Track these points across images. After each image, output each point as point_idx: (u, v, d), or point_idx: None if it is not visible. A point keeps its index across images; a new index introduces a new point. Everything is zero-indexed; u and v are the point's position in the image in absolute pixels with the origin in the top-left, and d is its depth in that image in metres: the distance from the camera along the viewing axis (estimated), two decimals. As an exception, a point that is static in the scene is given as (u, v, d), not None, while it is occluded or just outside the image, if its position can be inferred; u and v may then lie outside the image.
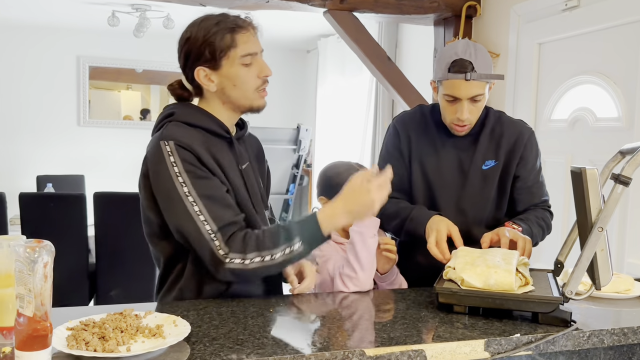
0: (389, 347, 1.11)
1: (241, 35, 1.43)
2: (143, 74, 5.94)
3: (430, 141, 1.79)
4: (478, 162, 1.75)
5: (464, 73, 1.59)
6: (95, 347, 1.02)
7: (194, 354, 1.05)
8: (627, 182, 1.24)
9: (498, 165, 1.76)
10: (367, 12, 3.32)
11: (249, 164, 1.55)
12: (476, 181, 1.75)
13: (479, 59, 1.61)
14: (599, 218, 1.25)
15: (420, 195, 1.79)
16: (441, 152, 1.78)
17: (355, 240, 1.58)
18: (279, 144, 5.54)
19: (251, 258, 1.34)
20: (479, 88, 1.62)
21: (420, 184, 1.79)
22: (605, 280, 1.26)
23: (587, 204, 1.27)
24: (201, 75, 1.45)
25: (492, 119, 1.79)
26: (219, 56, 1.42)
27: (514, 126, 1.80)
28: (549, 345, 1.22)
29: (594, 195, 1.26)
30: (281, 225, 1.40)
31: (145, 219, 1.48)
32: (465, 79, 1.59)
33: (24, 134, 5.59)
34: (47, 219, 3.38)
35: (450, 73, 1.61)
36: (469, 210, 1.77)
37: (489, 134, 1.77)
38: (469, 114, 1.65)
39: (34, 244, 0.98)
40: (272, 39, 5.74)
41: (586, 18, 2.69)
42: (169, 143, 1.37)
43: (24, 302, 0.97)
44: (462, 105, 1.64)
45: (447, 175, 1.77)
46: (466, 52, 1.61)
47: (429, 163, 1.78)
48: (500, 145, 1.76)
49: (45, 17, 5.16)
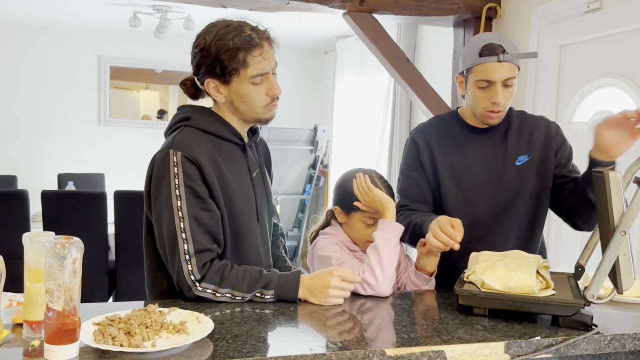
0: (409, 348, 1.12)
1: (255, 54, 1.42)
2: (162, 74, 6.00)
3: (455, 143, 1.79)
4: (511, 159, 1.75)
5: (496, 55, 1.61)
6: (122, 342, 1.04)
7: (217, 350, 1.07)
8: None
9: (532, 160, 1.75)
10: (387, 13, 3.32)
11: (259, 170, 1.57)
12: (511, 178, 1.74)
13: (508, 43, 1.65)
14: (621, 222, 1.24)
15: (453, 199, 1.77)
16: (469, 153, 1.77)
17: (380, 245, 1.54)
18: (296, 145, 5.55)
19: (223, 292, 1.38)
20: (511, 71, 1.63)
21: (452, 188, 1.77)
22: (628, 284, 1.26)
23: (610, 208, 1.26)
24: (210, 87, 1.47)
25: (516, 117, 1.80)
26: (229, 74, 1.43)
27: (540, 121, 1.82)
28: (569, 348, 1.21)
29: (616, 198, 1.25)
30: (264, 272, 1.42)
31: (146, 217, 1.51)
32: (498, 60, 1.61)
33: (45, 133, 5.68)
34: (69, 217, 3.43)
35: (481, 57, 1.63)
36: (506, 208, 1.75)
37: (516, 131, 1.77)
38: (504, 98, 1.65)
39: (63, 240, 1.00)
40: (290, 40, 5.76)
41: (608, 20, 2.67)
42: (176, 153, 1.40)
43: (54, 296, 1.00)
44: (496, 89, 1.64)
45: (479, 175, 1.76)
46: (494, 38, 1.66)
47: (458, 165, 1.77)
48: (531, 140, 1.77)
49: (67, 17, 5.24)
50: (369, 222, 1.66)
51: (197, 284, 1.37)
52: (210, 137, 1.47)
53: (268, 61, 1.45)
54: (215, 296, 1.37)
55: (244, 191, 1.50)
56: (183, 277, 1.37)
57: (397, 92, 4.51)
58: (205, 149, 1.43)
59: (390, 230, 1.57)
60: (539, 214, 1.79)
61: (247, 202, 1.50)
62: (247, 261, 1.48)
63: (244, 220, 1.49)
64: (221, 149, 1.48)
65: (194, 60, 1.47)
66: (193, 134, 1.46)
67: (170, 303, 1.36)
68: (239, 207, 1.47)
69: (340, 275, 1.43)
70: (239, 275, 1.39)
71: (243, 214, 1.49)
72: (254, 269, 1.42)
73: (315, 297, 1.42)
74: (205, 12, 3.56)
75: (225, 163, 1.46)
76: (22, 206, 3.45)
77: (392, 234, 1.57)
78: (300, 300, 1.43)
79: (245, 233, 1.50)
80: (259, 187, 1.55)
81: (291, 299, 1.41)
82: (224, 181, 1.44)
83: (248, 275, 1.40)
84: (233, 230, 1.47)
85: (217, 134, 1.48)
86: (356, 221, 1.69)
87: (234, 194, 1.46)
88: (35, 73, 5.62)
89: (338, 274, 1.43)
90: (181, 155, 1.39)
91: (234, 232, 1.47)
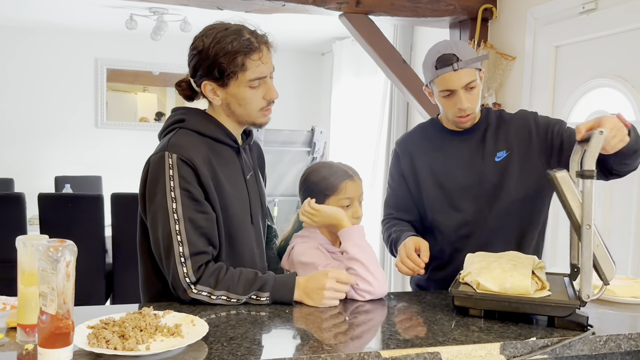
0: (404, 349, 1.12)
1: (253, 58, 1.42)
2: (159, 76, 6.00)
3: (435, 148, 1.82)
4: (490, 157, 1.76)
5: (451, 65, 1.65)
6: (116, 345, 1.04)
7: (212, 353, 1.06)
8: (592, 176, 1.24)
9: (511, 155, 1.75)
10: (383, 15, 3.32)
11: (253, 173, 1.57)
12: (491, 174, 1.75)
13: (461, 50, 1.67)
14: (583, 216, 1.26)
15: (437, 202, 1.80)
16: (449, 156, 1.80)
17: (354, 252, 1.52)
18: (294, 146, 5.54)
19: (218, 295, 1.38)
20: (469, 75, 1.66)
21: (434, 191, 1.80)
22: (610, 273, 1.27)
23: (569, 206, 1.28)
24: (207, 89, 1.46)
25: (494, 117, 1.81)
26: (227, 77, 1.42)
27: (517, 115, 1.82)
28: (565, 349, 1.21)
29: (571, 196, 1.27)
30: (259, 274, 1.42)
31: (140, 220, 1.51)
32: (453, 69, 1.65)
33: (42, 135, 5.67)
34: (65, 219, 3.42)
35: (438, 70, 1.67)
36: (491, 201, 1.75)
37: (494, 130, 1.78)
38: (468, 103, 1.69)
39: (57, 243, 1.00)
40: (287, 42, 5.76)
41: (604, 21, 2.67)
42: (172, 156, 1.39)
43: (47, 300, 0.99)
44: (459, 95, 1.67)
45: (460, 175, 1.77)
46: (447, 47, 1.68)
47: (439, 168, 1.80)
48: (508, 136, 1.77)
49: (64, 20, 5.24)
50: (345, 204, 1.64)
51: (193, 286, 1.37)
52: (205, 139, 1.47)
53: (266, 65, 1.45)
54: (210, 299, 1.37)
55: (238, 194, 1.50)
56: (178, 279, 1.36)
57: (394, 93, 4.52)
58: (200, 151, 1.43)
59: (354, 235, 1.56)
60: (530, 211, 1.76)
61: (241, 205, 1.50)
62: (242, 264, 1.48)
63: (238, 222, 1.49)
64: (216, 151, 1.48)
65: (191, 62, 1.47)
66: (188, 136, 1.46)
67: (165, 306, 1.36)
68: (233, 210, 1.47)
69: (335, 276, 1.43)
70: (235, 278, 1.39)
71: (237, 216, 1.48)
72: (250, 271, 1.42)
73: (311, 299, 1.41)
74: (201, 14, 3.57)
75: (219, 165, 1.46)
76: (18, 209, 3.44)
77: (357, 237, 1.56)
78: (296, 302, 1.42)
79: (240, 236, 1.49)
80: (252, 189, 1.55)
81: (287, 301, 1.41)
82: (219, 183, 1.44)
83: (243, 277, 1.40)
84: (227, 233, 1.47)
85: (211, 136, 1.48)
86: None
87: (228, 196, 1.46)
88: (32, 75, 5.61)
89: (333, 275, 1.43)
90: (177, 158, 1.39)
91: (229, 235, 1.47)
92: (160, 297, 1.48)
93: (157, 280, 1.48)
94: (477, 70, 1.69)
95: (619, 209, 2.60)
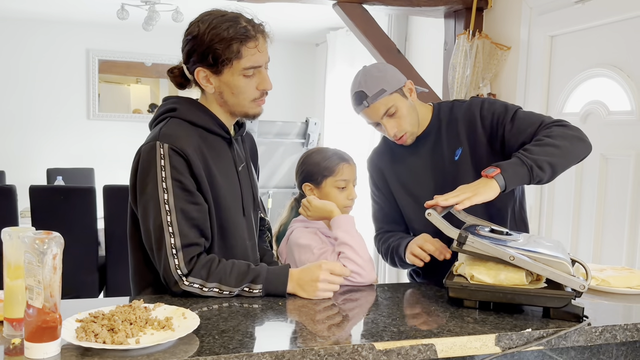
0: (398, 341, 1.11)
1: (249, 46, 1.40)
2: (152, 67, 5.94)
3: (399, 159, 1.83)
4: (449, 156, 1.74)
5: (361, 104, 1.67)
6: (104, 339, 1.02)
7: (203, 346, 1.05)
8: (462, 242, 1.33)
9: (464, 151, 1.73)
10: (377, 4, 3.29)
11: (245, 164, 1.55)
12: (451, 174, 1.73)
13: (368, 83, 1.67)
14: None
15: (411, 211, 1.79)
16: (412, 164, 1.79)
17: (343, 237, 1.60)
18: (288, 138, 5.52)
19: (210, 287, 1.36)
20: (384, 105, 1.67)
21: (406, 200, 1.80)
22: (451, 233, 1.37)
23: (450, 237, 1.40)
24: (201, 76, 1.44)
25: (445, 112, 1.78)
26: (221, 63, 1.40)
27: (465, 107, 1.76)
28: (560, 340, 1.20)
29: (446, 229, 1.41)
30: (252, 266, 1.40)
31: (131, 211, 1.48)
32: (364, 107, 1.67)
33: (34, 127, 5.62)
34: (57, 212, 3.39)
35: (356, 108, 1.71)
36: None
37: (446, 126, 1.76)
38: (394, 129, 1.70)
39: (43, 235, 0.98)
40: (281, 32, 5.72)
41: (599, 10, 2.65)
42: (163, 146, 1.37)
43: (33, 293, 0.97)
44: (384, 125, 1.70)
45: (426, 180, 1.76)
46: (355, 84, 1.69)
47: (405, 177, 1.80)
48: (458, 131, 1.74)
49: (55, 10, 5.17)
50: (341, 185, 1.75)
51: (184, 278, 1.35)
52: (196, 129, 1.44)
53: (262, 54, 1.42)
54: (202, 291, 1.35)
55: (230, 185, 1.48)
56: (170, 271, 1.34)
57: (389, 84, 4.49)
58: (192, 141, 1.40)
59: (343, 223, 1.62)
60: (497, 207, 1.70)
61: (233, 197, 1.48)
62: (234, 256, 1.46)
63: (230, 214, 1.47)
64: (207, 141, 1.45)
65: (185, 47, 1.44)
66: (180, 125, 1.43)
67: (156, 298, 1.34)
68: (224, 202, 1.45)
69: (329, 268, 1.41)
70: (227, 270, 1.37)
71: (229, 208, 1.46)
72: (242, 263, 1.40)
73: (304, 291, 1.40)
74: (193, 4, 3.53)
75: (211, 156, 1.44)
76: (10, 201, 3.41)
77: (347, 224, 1.62)
78: (289, 294, 1.41)
79: (232, 227, 1.47)
80: (244, 181, 1.53)
81: (280, 293, 1.39)
82: (211, 174, 1.42)
83: (236, 269, 1.38)
84: (219, 225, 1.45)
85: (203, 126, 1.45)
86: (330, 188, 1.75)
87: (220, 187, 1.44)
88: (22, 67, 5.55)
89: (327, 267, 1.41)
90: (168, 148, 1.37)
91: (221, 227, 1.45)
92: (151, 289, 1.46)
93: (148, 272, 1.46)
94: (395, 91, 1.66)
95: (613, 199, 2.60)
